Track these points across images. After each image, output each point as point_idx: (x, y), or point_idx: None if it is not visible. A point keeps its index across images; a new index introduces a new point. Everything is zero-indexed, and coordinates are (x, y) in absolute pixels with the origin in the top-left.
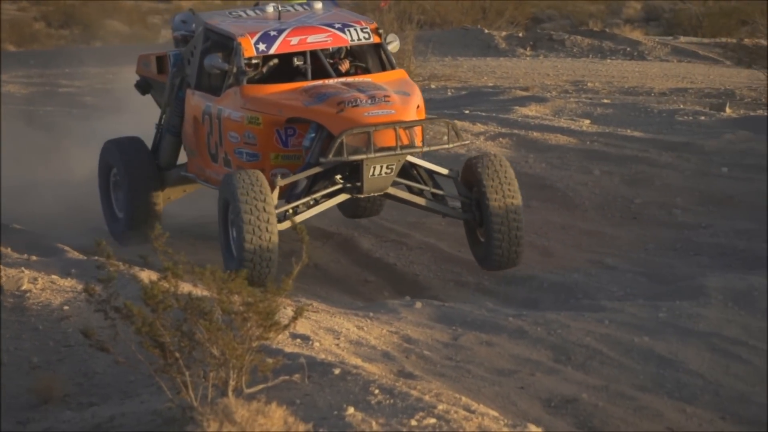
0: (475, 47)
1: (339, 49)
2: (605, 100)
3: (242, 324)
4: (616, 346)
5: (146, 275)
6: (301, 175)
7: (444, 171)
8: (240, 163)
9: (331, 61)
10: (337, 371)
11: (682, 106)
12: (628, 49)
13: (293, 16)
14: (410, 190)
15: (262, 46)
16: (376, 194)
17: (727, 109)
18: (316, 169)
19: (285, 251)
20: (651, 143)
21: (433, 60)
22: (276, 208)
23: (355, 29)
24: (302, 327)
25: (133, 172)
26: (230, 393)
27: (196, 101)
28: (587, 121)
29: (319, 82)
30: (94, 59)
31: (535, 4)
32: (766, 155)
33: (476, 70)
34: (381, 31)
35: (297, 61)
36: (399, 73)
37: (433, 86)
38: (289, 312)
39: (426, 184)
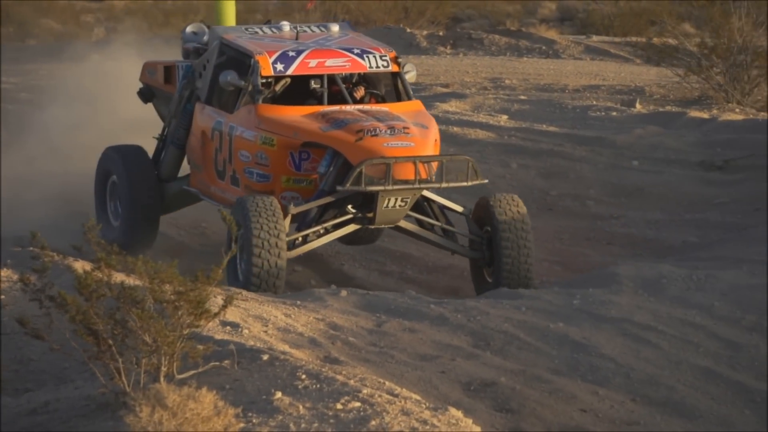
0: (397, 45)
1: (354, 75)
2: (522, 97)
3: (173, 312)
4: (532, 332)
5: (80, 265)
6: (315, 204)
7: (459, 208)
8: (249, 183)
9: (346, 85)
10: (265, 357)
11: (594, 103)
12: (544, 47)
13: (311, 37)
14: (421, 224)
15: (279, 66)
16: (386, 227)
17: (637, 105)
18: (329, 198)
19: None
20: (566, 138)
21: None
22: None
23: (374, 56)
24: (232, 315)
25: (134, 182)
26: (162, 379)
27: (206, 116)
28: (505, 117)
29: (336, 107)
30: (28, 56)
31: (455, 4)
32: (675, 149)
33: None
34: (400, 60)
35: (314, 84)
36: (416, 105)
37: None
38: (219, 300)
39: (437, 219)
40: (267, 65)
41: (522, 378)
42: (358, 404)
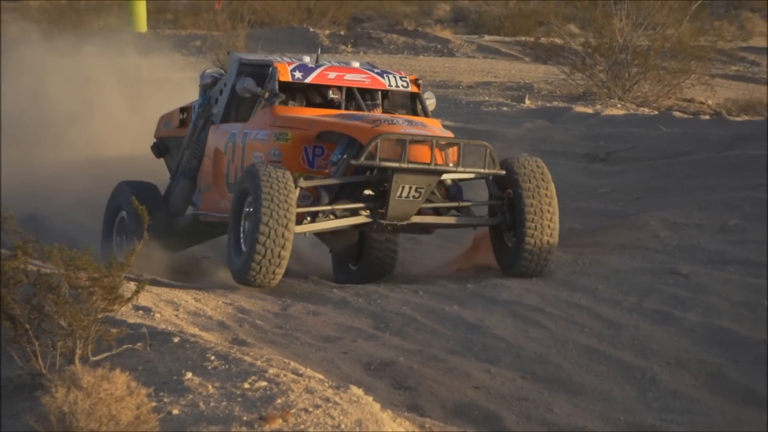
0: (301, 44)
1: (374, 94)
2: None
3: (88, 297)
4: (429, 314)
5: None
6: (326, 181)
7: (470, 175)
8: None
9: (367, 102)
10: (176, 340)
11: (487, 98)
12: (439, 46)
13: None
14: (437, 212)
15: (298, 74)
16: (398, 223)
17: (527, 101)
18: (347, 179)
19: None
20: (460, 132)
21: (263, 55)
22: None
23: (394, 76)
24: (144, 300)
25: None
26: (77, 361)
27: (219, 133)
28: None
29: (353, 111)
30: None
31: (355, 5)
32: (561, 142)
33: None
34: (420, 82)
35: (332, 94)
36: (434, 122)
37: None
38: (132, 286)
39: (448, 198)
40: (285, 71)
41: (419, 357)
42: (264, 383)
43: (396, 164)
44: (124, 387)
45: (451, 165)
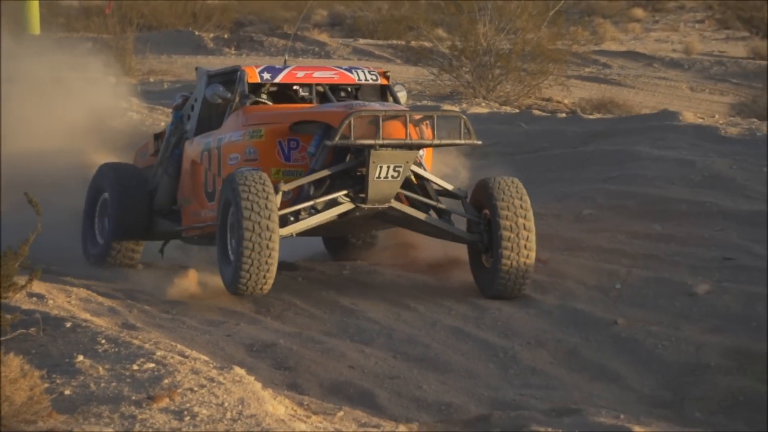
0: (187, 47)
1: (345, 90)
2: None
3: None
4: (307, 299)
5: None
6: (305, 179)
7: (451, 187)
8: None
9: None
10: (68, 324)
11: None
12: (317, 49)
13: None
14: (415, 205)
15: (266, 75)
16: (380, 207)
17: None
18: (325, 172)
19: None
20: None
21: (151, 58)
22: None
23: (363, 71)
24: (38, 287)
25: (124, 197)
26: None
27: (195, 145)
28: None
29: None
30: None
31: (238, 10)
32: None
33: (188, 66)
34: (389, 74)
35: (302, 92)
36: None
37: (152, 80)
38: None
39: (431, 200)
40: (253, 73)
41: (298, 339)
42: (152, 365)
43: (371, 141)
44: (18, 369)
45: (426, 140)
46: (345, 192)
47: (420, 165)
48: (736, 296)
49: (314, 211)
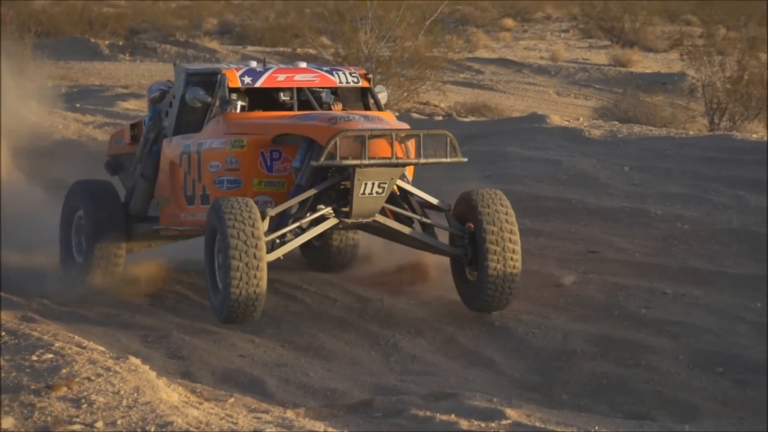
0: (83, 53)
1: (328, 96)
2: None
3: None
4: (200, 292)
5: None
6: (293, 202)
7: (435, 201)
8: (220, 194)
9: (323, 105)
10: None
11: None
12: (207, 56)
13: None
14: (399, 219)
15: (247, 79)
16: (364, 221)
17: None
18: (311, 192)
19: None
20: None
21: (49, 63)
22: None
23: (344, 73)
24: None
25: (100, 213)
26: None
27: (173, 146)
28: None
29: (307, 112)
30: None
31: (132, 18)
32: None
33: (85, 71)
34: (370, 76)
35: (283, 96)
36: (388, 114)
37: (49, 84)
38: None
39: (415, 214)
40: (234, 77)
41: (191, 330)
42: (51, 356)
43: (357, 161)
44: None
45: (412, 157)
46: (329, 209)
47: (403, 177)
48: (599, 287)
49: (300, 230)
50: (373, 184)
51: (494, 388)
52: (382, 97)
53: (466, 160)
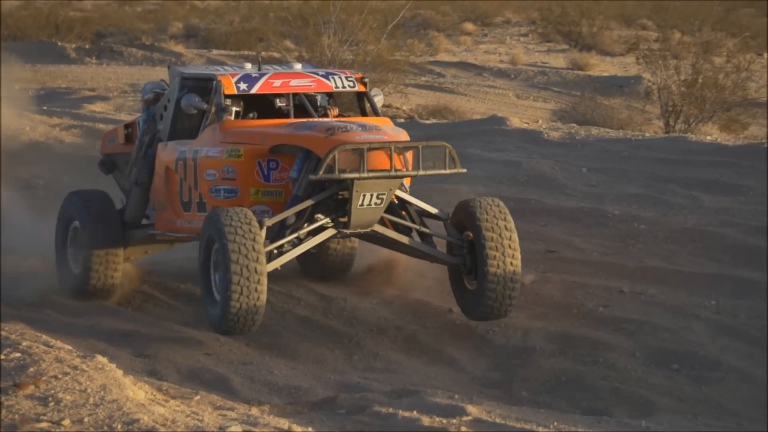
0: (50, 56)
1: (325, 102)
2: None
3: None
4: (166, 291)
5: None
6: (290, 212)
7: (433, 210)
8: (216, 202)
9: (319, 110)
10: None
11: None
12: (173, 59)
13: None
14: (397, 228)
15: (243, 85)
16: (362, 231)
17: None
18: (308, 202)
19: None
20: None
21: (17, 66)
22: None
23: (340, 77)
24: None
25: (96, 228)
26: None
27: (168, 150)
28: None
29: (304, 119)
30: None
31: (98, 22)
32: None
33: (52, 74)
34: (366, 80)
35: (279, 103)
36: (385, 120)
37: (17, 87)
38: None
39: (414, 223)
40: (230, 84)
41: (157, 329)
42: (18, 354)
43: (356, 174)
44: None
45: (411, 168)
46: (327, 219)
47: (402, 186)
48: (558, 285)
49: (298, 241)
50: (371, 195)
51: (455, 386)
52: (379, 100)
53: (465, 171)
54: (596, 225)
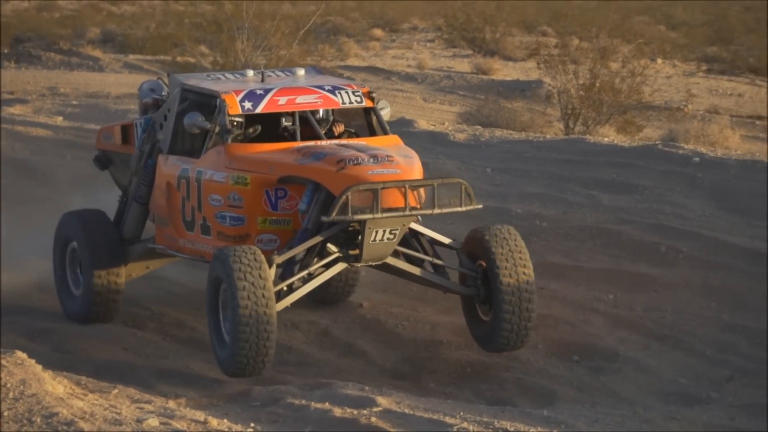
0: None
1: (329, 114)
2: (74, 102)
3: None
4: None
5: None
6: (300, 248)
7: (446, 240)
8: (222, 229)
9: (321, 127)
10: None
11: (133, 107)
12: (91, 63)
13: (276, 80)
14: (409, 259)
15: (247, 105)
16: (373, 264)
17: None
18: (317, 239)
19: None
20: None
21: None
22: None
23: (347, 92)
24: None
25: (95, 248)
26: None
27: (170, 165)
28: (60, 118)
29: (311, 142)
30: None
31: (17, 27)
32: None
33: None
34: (374, 94)
35: (285, 122)
36: (394, 139)
37: None
38: None
39: (426, 254)
40: (234, 104)
41: (75, 325)
42: None
43: (370, 216)
44: None
45: (425, 204)
46: (338, 253)
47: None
48: None
49: (308, 276)
50: (384, 231)
51: (366, 378)
52: (386, 114)
53: (481, 206)
54: (500, 223)
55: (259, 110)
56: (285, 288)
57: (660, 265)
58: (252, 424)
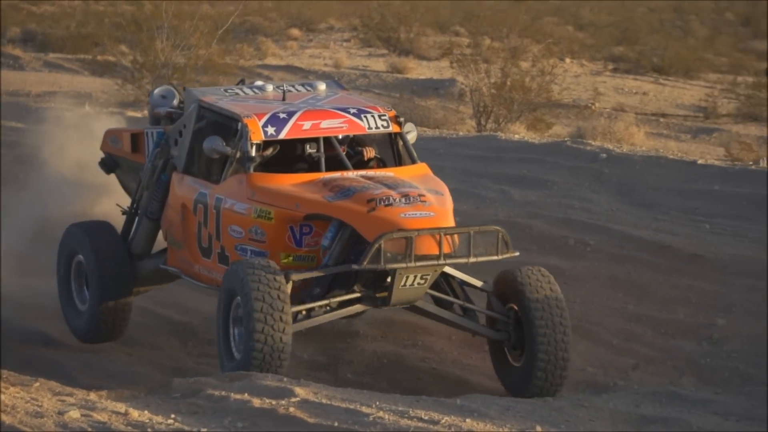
0: None
1: (355, 137)
2: None
3: None
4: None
5: None
6: (320, 272)
7: (478, 283)
8: None
9: (343, 149)
10: None
11: (53, 105)
12: (11, 62)
13: (298, 97)
14: (438, 302)
15: (270, 130)
16: (402, 306)
17: (87, 107)
18: (338, 268)
19: None
20: (26, 132)
21: None
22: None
23: (373, 116)
24: None
25: (103, 262)
26: None
27: (185, 187)
28: None
29: (337, 174)
30: None
31: None
32: None
33: None
34: (401, 119)
35: (309, 149)
36: (422, 168)
37: None
38: None
39: (456, 296)
40: (257, 129)
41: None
42: None
43: (403, 265)
44: None
45: (461, 253)
46: (363, 292)
47: None
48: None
49: (329, 308)
50: (416, 276)
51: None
52: (412, 137)
53: (518, 254)
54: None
55: (282, 136)
56: (304, 312)
57: (569, 258)
58: (173, 415)
